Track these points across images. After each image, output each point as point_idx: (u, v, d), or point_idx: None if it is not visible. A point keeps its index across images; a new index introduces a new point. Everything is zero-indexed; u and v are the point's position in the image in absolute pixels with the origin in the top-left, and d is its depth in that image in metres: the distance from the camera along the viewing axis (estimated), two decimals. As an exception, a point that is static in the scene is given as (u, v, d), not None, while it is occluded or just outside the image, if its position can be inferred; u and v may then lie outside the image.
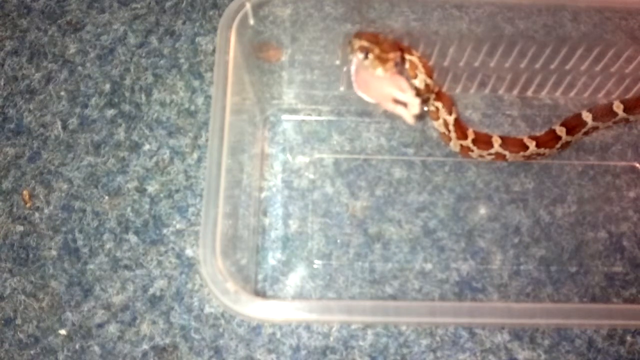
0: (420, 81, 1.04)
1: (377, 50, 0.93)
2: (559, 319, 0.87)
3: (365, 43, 0.95)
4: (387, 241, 1.09)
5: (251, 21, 0.95)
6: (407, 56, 1.03)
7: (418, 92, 1.06)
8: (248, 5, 0.94)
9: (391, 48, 0.95)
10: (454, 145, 1.12)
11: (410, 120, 0.94)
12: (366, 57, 0.94)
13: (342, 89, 1.14)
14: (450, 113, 1.10)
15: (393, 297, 1.06)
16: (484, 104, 1.18)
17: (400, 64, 0.96)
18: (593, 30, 1.05)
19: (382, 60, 0.93)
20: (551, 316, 0.86)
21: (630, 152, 1.16)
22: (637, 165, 1.15)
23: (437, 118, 1.11)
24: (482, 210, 1.12)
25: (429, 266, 1.08)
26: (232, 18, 0.93)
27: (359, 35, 0.97)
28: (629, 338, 1.04)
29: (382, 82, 0.94)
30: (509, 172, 1.14)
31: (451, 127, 1.10)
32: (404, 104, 0.93)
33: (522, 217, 1.11)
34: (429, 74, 1.05)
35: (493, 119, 1.17)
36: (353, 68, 0.97)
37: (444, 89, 1.16)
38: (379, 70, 0.93)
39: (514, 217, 1.11)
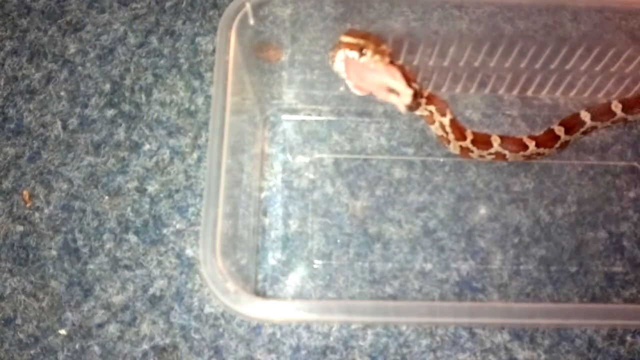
0: None
1: (372, 46, 0.95)
2: (559, 319, 0.87)
3: (353, 40, 0.96)
4: (387, 241, 1.09)
5: (251, 21, 0.95)
6: None
7: None
8: (248, 5, 0.94)
9: (381, 41, 0.97)
10: (454, 147, 1.12)
11: (402, 109, 0.96)
12: (361, 54, 0.95)
13: (342, 89, 1.14)
14: (444, 115, 1.10)
15: (393, 297, 1.06)
16: (484, 104, 1.18)
17: (392, 55, 0.98)
18: (593, 30, 1.05)
19: (380, 53, 0.94)
20: (551, 316, 0.86)
21: (630, 152, 1.16)
22: (637, 165, 1.15)
23: (433, 121, 1.11)
24: (482, 210, 1.12)
25: (429, 266, 1.08)
26: (232, 18, 0.93)
27: (346, 34, 0.98)
28: (629, 338, 1.04)
29: (377, 73, 0.96)
30: (509, 172, 1.14)
31: (448, 129, 1.10)
32: (397, 93, 0.95)
33: (522, 217, 1.11)
34: (412, 79, 1.05)
35: (493, 119, 1.17)
36: (341, 65, 0.98)
37: (444, 89, 1.16)
38: (379, 66, 0.94)
39: (514, 217, 1.11)
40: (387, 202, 1.12)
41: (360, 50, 0.95)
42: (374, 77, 0.96)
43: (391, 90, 0.95)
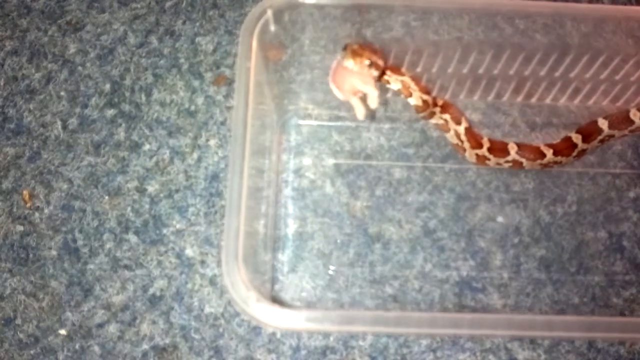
0: (416, 99, 1.05)
1: (355, 46, 0.97)
2: (562, 332, 0.86)
3: (348, 42, 0.98)
4: (387, 241, 1.09)
5: (272, 27, 0.95)
6: (398, 77, 1.04)
7: (417, 109, 1.07)
8: (269, 13, 0.93)
9: (371, 50, 0.98)
10: (470, 155, 1.11)
11: (360, 114, 0.98)
12: (344, 50, 0.97)
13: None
14: (459, 123, 1.09)
15: (393, 297, 1.06)
16: (484, 104, 1.18)
17: (375, 67, 0.98)
18: (593, 31, 1.05)
19: (355, 54, 0.96)
20: (554, 329, 0.85)
21: (630, 152, 1.16)
22: (637, 165, 1.15)
23: (448, 130, 1.11)
24: (482, 210, 1.12)
25: (429, 266, 1.08)
26: (254, 24, 0.92)
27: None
28: (629, 338, 1.04)
29: (348, 74, 0.97)
30: (509, 172, 1.14)
31: (463, 137, 1.09)
32: (364, 96, 0.97)
33: (522, 217, 1.11)
34: (424, 90, 1.05)
35: (493, 119, 1.17)
36: (334, 63, 1.00)
37: (436, 91, 1.16)
38: (350, 62, 0.96)
39: (514, 217, 1.11)
40: (387, 202, 1.12)
41: (345, 47, 0.97)
42: (344, 76, 0.98)
43: (356, 93, 0.97)
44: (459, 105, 1.16)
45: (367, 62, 0.96)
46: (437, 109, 1.09)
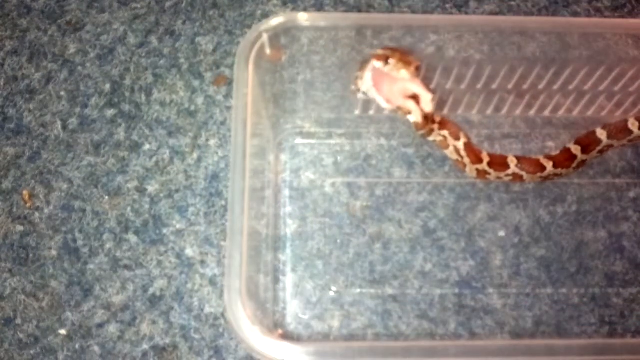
0: (415, 116, 1.04)
1: (397, 55, 0.97)
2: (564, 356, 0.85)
3: (381, 52, 0.98)
4: (387, 241, 1.09)
5: (268, 51, 0.94)
6: None
7: (417, 126, 1.07)
8: (265, 37, 0.92)
9: (409, 53, 0.98)
10: (470, 170, 1.11)
11: (418, 117, 0.98)
12: (386, 63, 0.97)
13: (341, 91, 1.13)
14: (457, 139, 1.09)
15: (393, 297, 1.06)
16: (484, 105, 1.18)
17: (419, 70, 0.99)
18: (594, 43, 1.04)
19: (406, 63, 0.97)
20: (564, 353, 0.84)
21: (630, 152, 1.16)
22: (637, 165, 1.14)
23: (447, 146, 1.11)
24: (482, 210, 1.12)
25: (429, 266, 1.08)
26: (250, 49, 0.92)
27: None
28: (630, 340, 1.04)
29: (398, 81, 0.98)
30: (509, 172, 1.14)
31: (463, 153, 1.09)
32: (417, 100, 0.97)
33: (522, 217, 1.11)
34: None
35: (493, 120, 1.17)
36: (369, 82, 1.00)
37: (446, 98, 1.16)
38: (403, 72, 0.97)
39: (514, 217, 1.11)
40: (387, 202, 1.12)
41: (386, 59, 0.97)
42: (394, 85, 0.98)
43: (410, 97, 0.97)
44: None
45: (416, 65, 0.98)
46: (436, 126, 1.09)
